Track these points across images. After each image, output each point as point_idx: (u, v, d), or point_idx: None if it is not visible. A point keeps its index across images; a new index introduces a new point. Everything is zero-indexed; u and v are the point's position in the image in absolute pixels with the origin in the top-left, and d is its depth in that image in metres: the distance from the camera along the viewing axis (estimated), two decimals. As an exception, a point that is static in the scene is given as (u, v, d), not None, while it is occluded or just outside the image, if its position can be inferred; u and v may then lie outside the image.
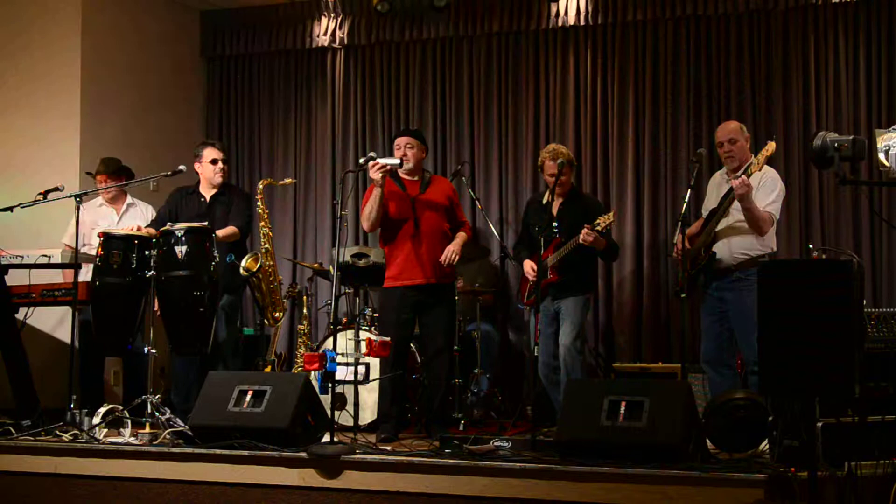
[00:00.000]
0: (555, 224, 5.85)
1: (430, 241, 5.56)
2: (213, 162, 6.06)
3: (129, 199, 6.50)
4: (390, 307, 5.59)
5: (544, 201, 5.96)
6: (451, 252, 5.54)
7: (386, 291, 5.60)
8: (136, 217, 6.37)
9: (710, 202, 5.61)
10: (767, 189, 5.37)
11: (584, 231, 5.60)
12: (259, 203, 6.25)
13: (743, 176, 5.19)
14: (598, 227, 5.63)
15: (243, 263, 5.99)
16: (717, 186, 5.65)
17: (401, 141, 5.65)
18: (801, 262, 5.40)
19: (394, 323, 5.52)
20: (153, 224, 5.95)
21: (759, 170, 5.21)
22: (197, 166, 6.11)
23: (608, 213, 5.76)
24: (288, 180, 6.86)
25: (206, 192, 6.11)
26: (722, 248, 5.39)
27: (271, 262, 6.18)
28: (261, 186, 6.35)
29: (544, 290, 5.76)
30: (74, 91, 7.23)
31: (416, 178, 5.65)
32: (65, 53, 7.26)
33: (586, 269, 5.95)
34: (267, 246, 6.18)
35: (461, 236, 5.69)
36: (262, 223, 6.22)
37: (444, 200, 5.67)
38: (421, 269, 5.52)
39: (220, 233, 5.76)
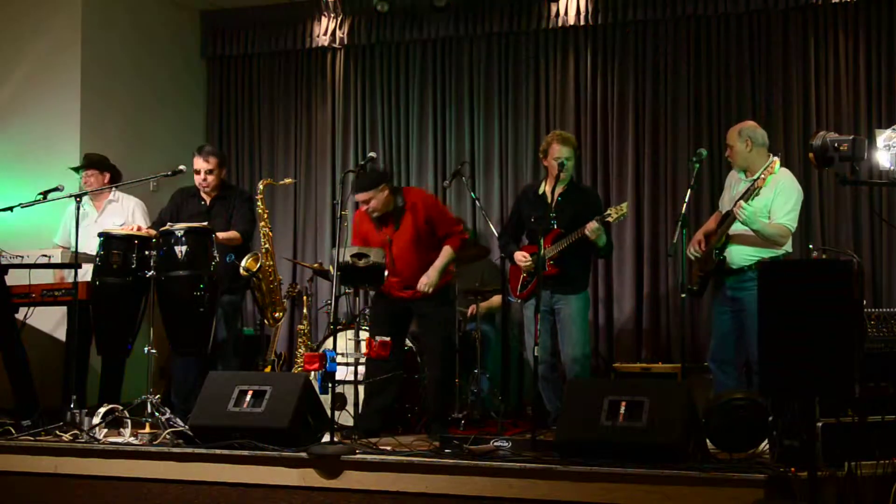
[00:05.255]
0: (553, 215, 5.61)
1: (411, 271, 5.53)
2: (197, 172, 6.03)
3: (110, 196, 6.40)
4: (380, 311, 5.64)
5: (540, 191, 5.75)
6: (423, 285, 5.49)
7: (378, 296, 5.63)
8: (116, 214, 6.32)
9: (725, 201, 5.57)
10: (783, 199, 5.31)
11: (593, 225, 5.40)
12: (259, 203, 6.24)
13: (741, 201, 5.18)
14: (609, 219, 5.44)
15: (243, 263, 5.99)
16: (735, 184, 5.57)
17: (357, 198, 5.47)
18: (801, 262, 5.40)
19: (385, 326, 5.53)
20: (154, 224, 5.95)
21: (765, 185, 5.19)
22: None
23: (620, 204, 5.55)
24: (288, 180, 6.86)
25: (207, 195, 6.10)
26: (734, 251, 5.36)
27: (271, 262, 6.18)
28: (261, 186, 6.35)
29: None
30: (74, 91, 7.22)
31: (388, 216, 5.56)
32: (65, 53, 7.26)
33: (585, 263, 5.74)
34: (267, 246, 6.18)
35: (444, 254, 5.57)
36: (263, 223, 6.22)
37: (422, 224, 5.56)
38: (407, 290, 5.56)
39: (222, 235, 5.76)
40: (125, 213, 6.31)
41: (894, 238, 6.68)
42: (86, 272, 5.68)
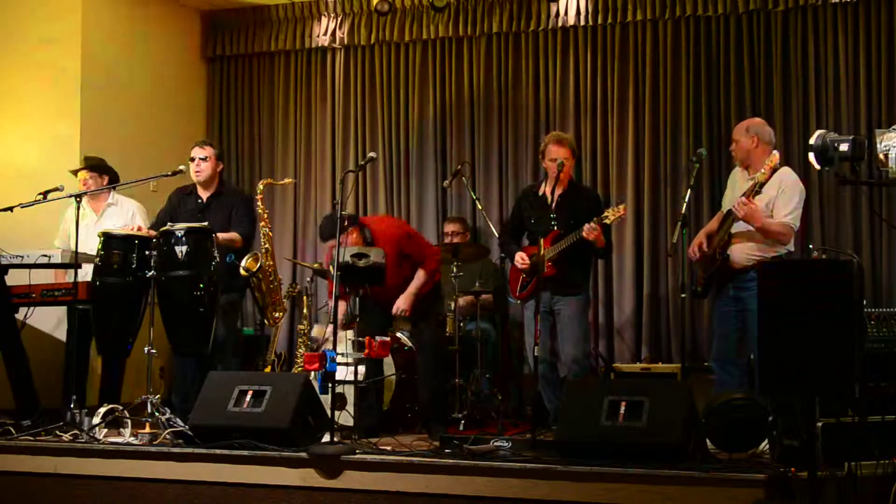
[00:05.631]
0: (552, 216, 5.65)
1: (391, 290, 5.57)
2: (192, 160, 6.05)
3: (109, 199, 6.38)
4: (367, 306, 5.62)
5: (540, 192, 5.80)
6: (398, 310, 5.61)
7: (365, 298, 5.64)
8: (115, 217, 6.30)
9: (728, 200, 5.57)
10: (787, 197, 5.28)
11: (590, 226, 5.41)
12: (259, 203, 6.24)
13: (742, 198, 5.17)
14: (607, 220, 5.45)
15: (243, 263, 5.99)
16: (735, 182, 5.58)
17: (328, 245, 5.46)
18: (801, 262, 5.40)
19: (371, 320, 5.53)
20: (153, 225, 5.95)
21: (766, 180, 5.19)
22: None
23: (617, 206, 5.57)
24: (288, 180, 6.86)
25: (203, 193, 6.11)
26: (737, 250, 5.35)
27: (271, 262, 6.18)
28: (261, 186, 6.35)
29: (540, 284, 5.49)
30: (74, 91, 7.22)
31: None
32: (65, 53, 7.26)
33: (584, 264, 5.76)
34: (267, 246, 6.18)
35: (417, 279, 5.66)
36: (263, 223, 6.22)
37: (394, 254, 5.59)
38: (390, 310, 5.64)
39: (222, 236, 5.75)
40: (125, 217, 6.29)
41: (894, 238, 6.67)
42: (86, 272, 5.68)
